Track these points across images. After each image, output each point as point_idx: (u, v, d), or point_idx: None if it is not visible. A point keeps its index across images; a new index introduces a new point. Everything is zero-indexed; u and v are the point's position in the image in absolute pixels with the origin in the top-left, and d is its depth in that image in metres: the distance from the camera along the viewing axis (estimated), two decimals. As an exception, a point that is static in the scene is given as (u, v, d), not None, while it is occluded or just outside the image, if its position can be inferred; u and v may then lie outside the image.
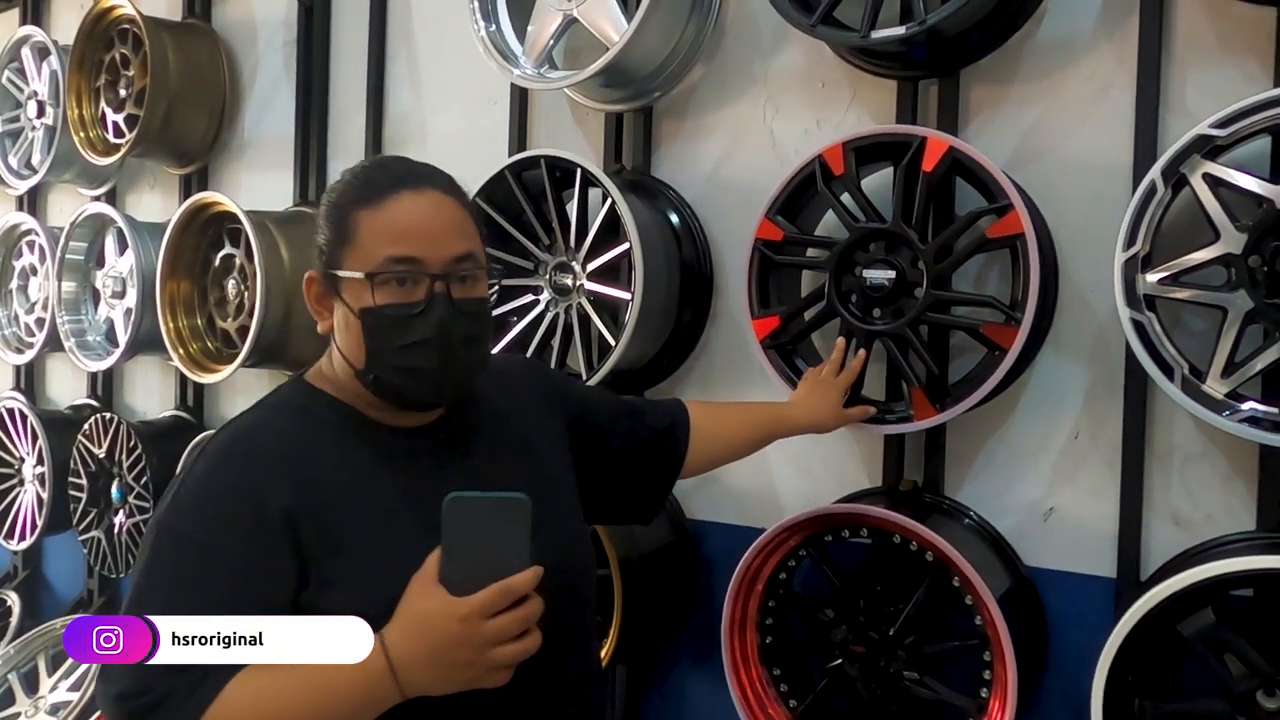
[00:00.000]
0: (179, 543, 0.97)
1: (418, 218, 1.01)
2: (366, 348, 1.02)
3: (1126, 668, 1.28)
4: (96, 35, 2.66)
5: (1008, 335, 1.38)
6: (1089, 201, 1.50)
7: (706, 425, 1.39)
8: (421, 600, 0.92)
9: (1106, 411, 1.49)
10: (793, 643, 1.60)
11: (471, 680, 0.93)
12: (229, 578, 0.95)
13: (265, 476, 0.99)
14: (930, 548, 1.42)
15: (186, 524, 0.97)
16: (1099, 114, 1.51)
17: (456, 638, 0.90)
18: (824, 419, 1.49)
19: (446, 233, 1.03)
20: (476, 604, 0.90)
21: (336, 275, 1.03)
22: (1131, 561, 1.46)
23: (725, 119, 1.87)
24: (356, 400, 1.07)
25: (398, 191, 1.02)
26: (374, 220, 1.01)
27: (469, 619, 0.90)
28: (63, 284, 2.73)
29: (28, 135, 2.95)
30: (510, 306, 1.84)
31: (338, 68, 2.45)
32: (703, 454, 1.39)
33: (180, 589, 0.95)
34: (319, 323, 1.09)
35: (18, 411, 2.90)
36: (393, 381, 1.03)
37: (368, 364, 1.03)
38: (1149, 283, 1.29)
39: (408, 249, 1.00)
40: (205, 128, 2.64)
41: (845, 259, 1.52)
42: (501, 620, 0.91)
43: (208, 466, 1.01)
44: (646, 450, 1.33)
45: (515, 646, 0.93)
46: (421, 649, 0.91)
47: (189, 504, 0.99)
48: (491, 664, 0.92)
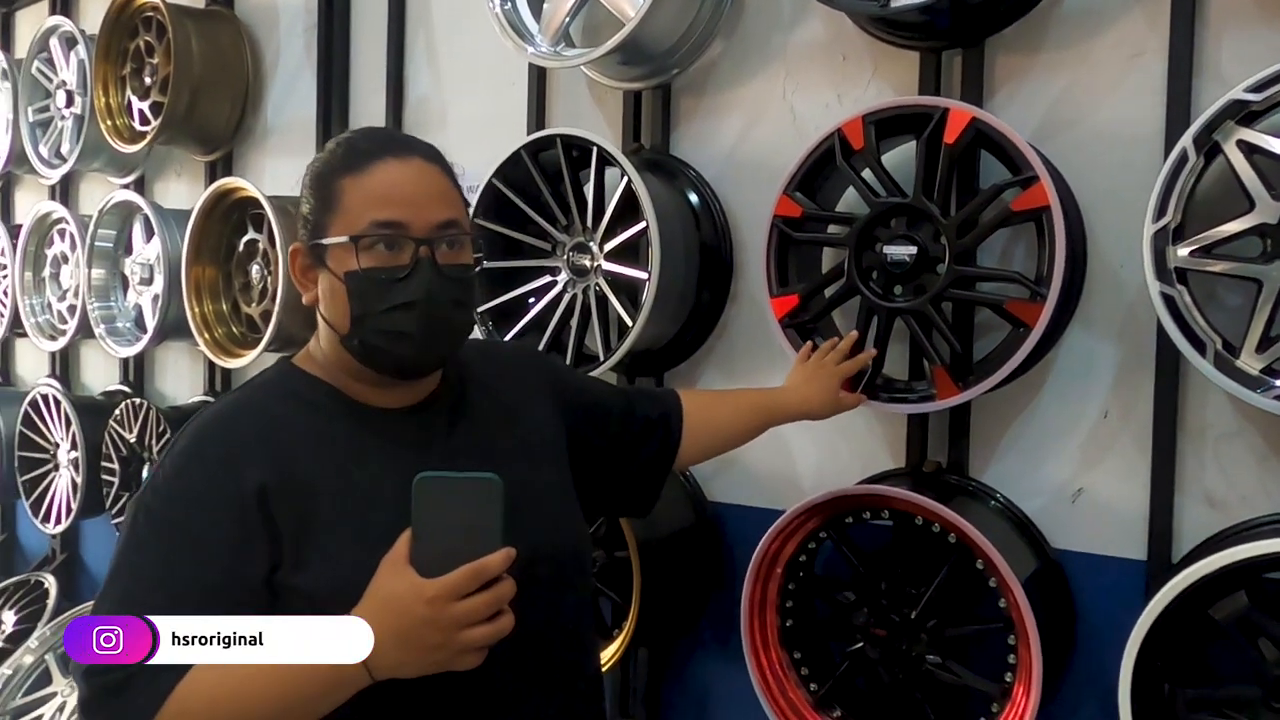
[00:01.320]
0: (156, 521, 0.97)
1: (402, 183, 1.02)
2: (351, 312, 1.02)
3: (1156, 652, 1.25)
4: (122, 23, 2.68)
5: (1033, 311, 1.35)
6: (1119, 173, 1.45)
7: (699, 414, 1.38)
8: (391, 581, 0.91)
9: (1137, 389, 1.45)
10: (814, 626, 1.58)
11: (442, 662, 0.92)
12: (203, 556, 0.95)
13: (242, 455, 0.99)
14: (952, 529, 1.39)
15: (164, 503, 0.98)
16: (1130, 82, 1.46)
17: (425, 619, 0.89)
18: (818, 406, 1.46)
19: (431, 199, 1.03)
20: (445, 585, 0.89)
21: (322, 244, 1.03)
22: (1163, 544, 1.42)
23: (744, 95, 1.83)
24: (341, 380, 1.07)
25: (383, 158, 1.02)
26: (359, 186, 1.01)
27: (437, 600, 0.89)
28: (92, 271, 2.76)
29: (57, 125, 2.99)
30: (528, 288, 1.82)
31: (358, 51, 2.45)
32: (697, 443, 1.38)
33: (156, 567, 0.96)
34: (304, 295, 1.08)
35: (52, 397, 2.95)
36: (378, 345, 1.02)
37: (353, 328, 1.02)
38: (1180, 255, 1.25)
39: (393, 213, 1.00)
40: (229, 114, 2.65)
41: (865, 235, 1.48)
42: (471, 602, 0.90)
43: (186, 445, 1.02)
44: (640, 439, 1.31)
45: (486, 629, 0.91)
46: (390, 629, 0.90)
47: (167, 483, 0.99)
48: (462, 646, 0.91)
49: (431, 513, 0.90)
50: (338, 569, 0.96)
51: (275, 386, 1.08)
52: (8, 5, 3.42)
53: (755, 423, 1.45)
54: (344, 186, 1.02)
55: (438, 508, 0.90)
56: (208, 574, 0.95)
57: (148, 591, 0.94)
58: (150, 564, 0.96)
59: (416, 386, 1.09)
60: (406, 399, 1.08)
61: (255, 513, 0.97)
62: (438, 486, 0.91)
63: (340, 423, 1.05)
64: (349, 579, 0.93)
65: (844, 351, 1.48)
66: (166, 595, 0.94)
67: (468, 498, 0.91)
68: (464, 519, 0.91)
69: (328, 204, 1.03)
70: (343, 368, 1.06)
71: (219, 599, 0.94)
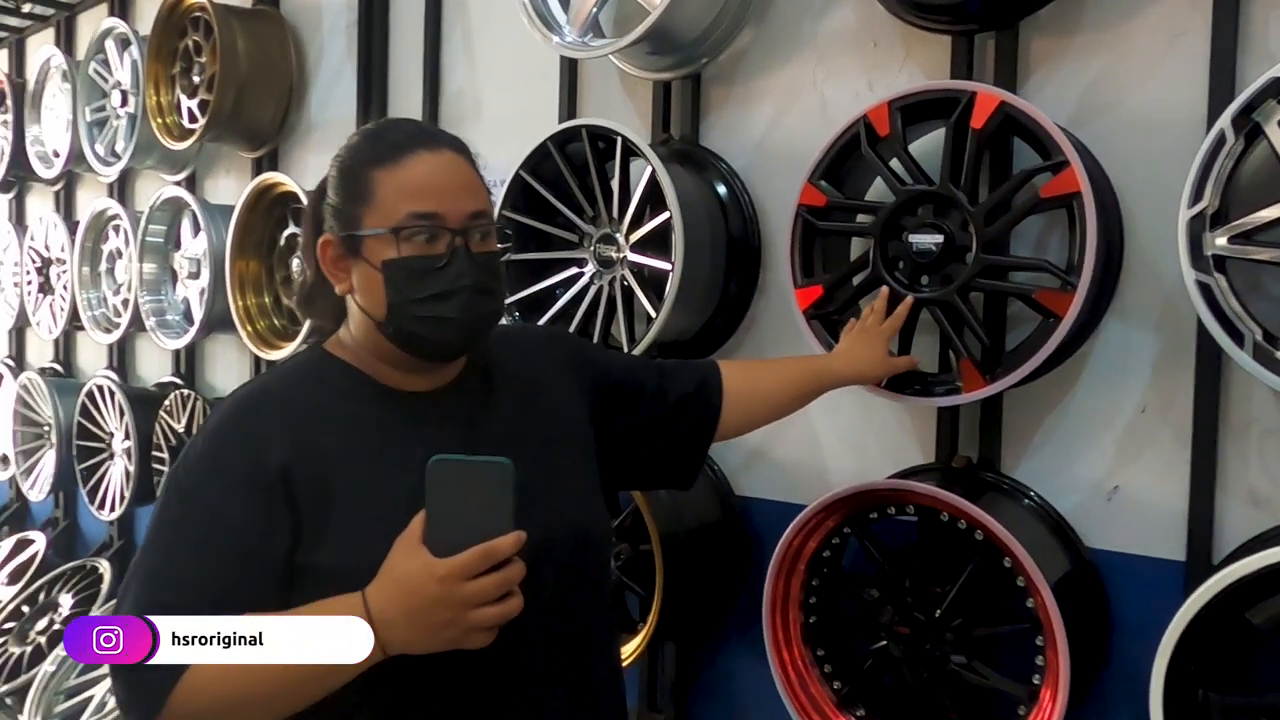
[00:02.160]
0: (183, 499, 1.00)
1: (436, 175, 1.03)
2: (388, 299, 1.03)
3: (1190, 657, 1.20)
4: (172, 24, 2.75)
5: (1063, 301, 1.30)
6: (1158, 158, 1.40)
7: (741, 383, 1.34)
8: (404, 560, 0.93)
9: (1177, 383, 1.39)
10: (837, 623, 1.55)
11: (452, 640, 0.93)
12: (227, 532, 0.98)
13: (267, 435, 1.01)
14: (978, 526, 1.35)
15: (191, 480, 1.01)
16: (1170, 63, 1.40)
17: (435, 597, 0.91)
18: (868, 368, 1.42)
19: (463, 190, 1.04)
20: (456, 565, 0.91)
21: (356, 235, 1.04)
22: (1203, 544, 1.36)
23: (774, 83, 1.81)
24: (369, 364, 1.08)
25: (415, 151, 1.03)
26: (393, 178, 1.02)
27: (447, 579, 0.91)
28: (144, 265, 2.84)
29: (113, 124, 3.08)
30: (556, 279, 1.82)
31: (396, 47, 2.48)
32: (740, 413, 1.34)
33: (183, 542, 0.99)
34: (337, 285, 1.09)
35: (107, 389, 3.04)
36: (416, 331, 1.04)
37: (389, 315, 1.04)
38: (1217, 242, 1.19)
39: (429, 205, 1.02)
40: (274, 111, 2.70)
41: (891, 224, 1.45)
42: (481, 583, 0.92)
43: (215, 425, 1.04)
44: (675, 414, 1.29)
45: (495, 609, 0.93)
46: (401, 607, 0.92)
47: (195, 461, 1.02)
48: (471, 625, 0.93)
49: (445, 495, 0.92)
50: (357, 546, 0.98)
51: (304, 370, 1.10)
52: (69, 9, 3.53)
53: (803, 389, 1.40)
54: (377, 179, 1.03)
55: (451, 490, 0.92)
56: (232, 548, 0.97)
57: (177, 565, 0.98)
58: (179, 539, 0.99)
59: (442, 371, 1.10)
60: (432, 383, 1.10)
61: (278, 491, 0.99)
62: (451, 469, 0.93)
63: (366, 406, 1.06)
64: (367, 556, 0.95)
65: (881, 312, 1.44)
66: (194, 569, 0.97)
67: (480, 481, 0.93)
68: (476, 502, 0.92)
69: (360, 196, 1.04)
70: (373, 352, 1.08)
71: (243, 573, 0.97)
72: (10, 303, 3.64)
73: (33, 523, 3.78)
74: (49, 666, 2.83)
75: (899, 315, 1.42)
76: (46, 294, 3.44)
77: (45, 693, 2.82)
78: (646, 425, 1.27)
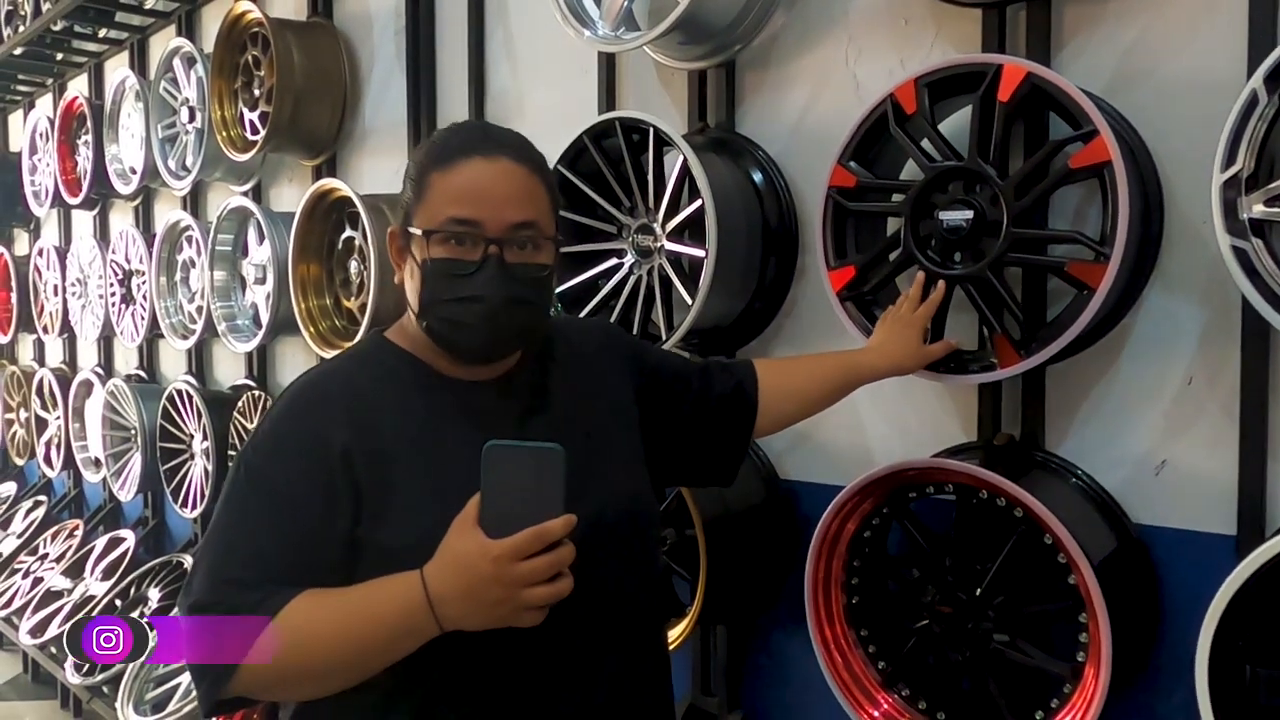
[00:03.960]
0: (251, 478, 1.06)
1: (481, 183, 1.06)
2: (422, 297, 1.09)
3: (1237, 631, 1.17)
4: (232, 40, 2.86)
5: (1096, 273, 1.28)
6: (1198, 124, 1.35)
7: (775, 382, 1.37)
8: (460, 540, 0.97)
9: (1223, 353, 1.35)
10: (881, 603, 1.55)
11: (504, 618, 0.97)
12: (293, 508, 1.04)
13: (329, 418, 1.07)
14: (1017, 503, 1.33)
15: (258, 460, 1.07)
16: (1208, 25, 1.36)
17: (489, 576, 0.95)
18: (903, 359, 1.42)
19: (509, 199, 1.07)
20: (510, 546, 0.95)
21: (409, 231, 1.10)
22: (1254, 517, 1.32)
23: (807, 66, 1.80)
24: (426, 353, 1.13)
25: (470, 156, 1.07)
26: (443, 181, 1.07)
27: (501, 559, 0.95)
28: (214, 273, 2.97)
29: (182, 139, 3.21)
30: (596, 270, 1.85)
31: (443, 50, 2.54)
32: (777, 411, 1.37)
33: (252, 518, 1.04)
34: (396, 273, 1.15)
35: (186, 393, 3.18)
36: (441, 331, 1.09)
37: (421, 312, 1.10)
38: (1253, 206, 1.16)
39: (469, 212, 1.06)
40: (330, 119, 2.79)
41: (922, 201, 1.44)
42: (533, 563, 0.95)
43: (281, 410, 1.11)
44: (715, 414, 1.32)
45: (546, 589, 0.97)
46: (456, 585, 0.96)
47: (262, 443, 1.08)
48: (523, 603, 0.96)
49: (499, 479, 0.97)
50: (415, 526, 1.03)
51: (365, 357, 1.16)
52: (140, 32, 3.69)
53: (838, 384, 1.41)
54: (432, 180, 1.08)
55: (505, 474, 0.97)
56: (296, 526, 1.03)
57: (244, 542, 1.03)
58: (247, 515, 1.05)
59: (495, 364, 1.14)
60: (487, 374, 1.14)
61: (340, 471, 1.04)
62: (505, 454, 0.97)
63: (422, 392, 1.11)
64: (425, 536, 1.00)
65: (916, 299, 1.44)
66: (259, 545, 1.03)
67: (533, 466, 0.97)
68: (529, 485, 0.96)
69: (419, 195, 1.09)
70: (426, 342, 1.13)
71: (305, 549, 1.03)
72: (97, 314, 3.83)
73: (125, 522, 3.98)
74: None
75: (932, 302, 1.42)
76: (129, 304, 3.61)
77: (136, 681, 2.98)
78: (690, 424, 1.31)
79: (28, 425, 4.48)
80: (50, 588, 3.79)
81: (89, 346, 4.18)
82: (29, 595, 3.86)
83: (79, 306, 3.98)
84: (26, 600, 3.84)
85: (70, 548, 3.92)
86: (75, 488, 4.39)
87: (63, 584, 3.78)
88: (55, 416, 4.19)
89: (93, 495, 4.29)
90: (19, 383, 4.56)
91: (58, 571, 3.84)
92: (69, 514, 4.38)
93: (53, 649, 3.61)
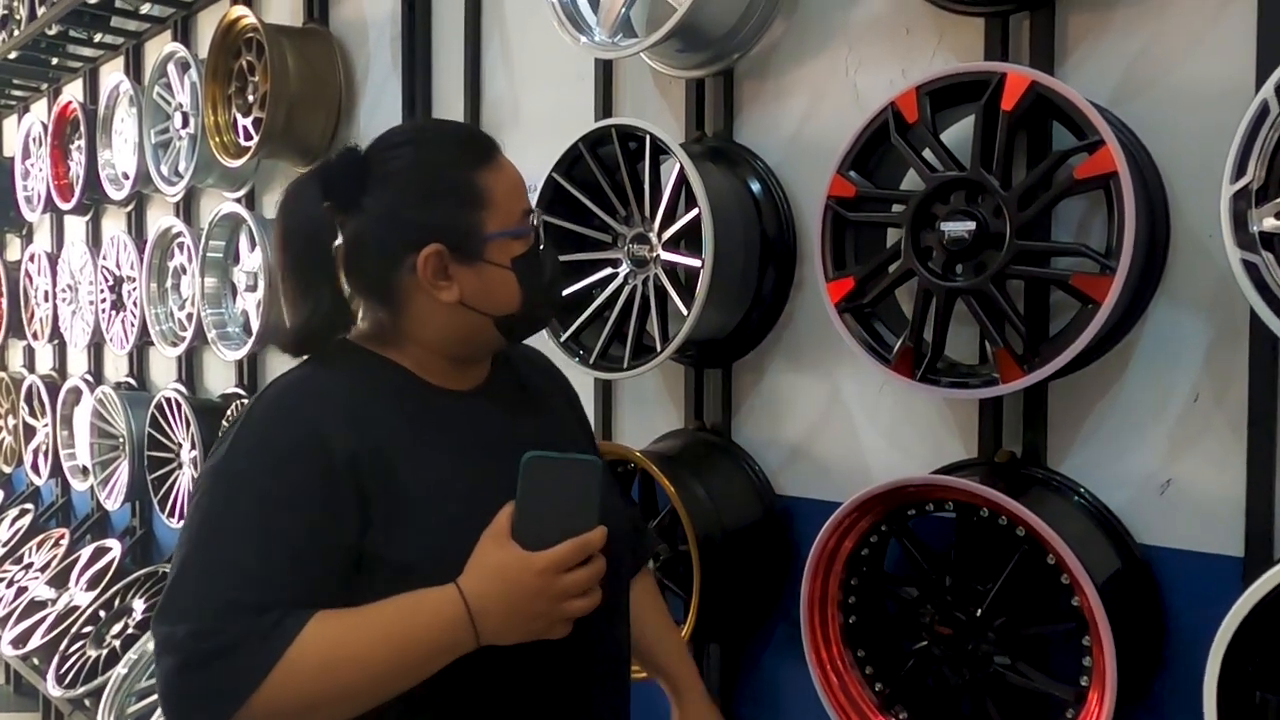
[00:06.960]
0: (242, 490, 0.97)
1: (519, 174, 1.12)
2: (524, 293, 1.08)
3: (1246, 656, 1.13)
4: (227, 45, 2.83)
5: (1101, 286, 1.25)
6: (1205, 135, 1.33)
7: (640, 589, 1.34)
8: (498, 552, 0.95)
9: (1231, 369, 1.32)
10: (878, 623, 1.51)
11: (539, 631, 0.96)
12: (294, 519, 0.96)
13: (328, 423, 1.00)
14: (1018, 522, 1.30)
15: (248, 471, 0.98)
16: (1216, 33, 1.33)
17: (533, 589, 0.94)
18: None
19: None
20: (554, 558, 0.94)
21: (481, 239, 1.05)
22: (1262, 539, 1.29)
23: (806, 76, 1.78)
24: (413, 364, 1.09)
25: (498, 150, 1.10)
26: (502, 180, 1.08)
27: (546, 572, 0.94)
28: (205, 280, 2.93)
29: (175, 145, 3.18)
30: (591, 280, 1.82)
31: (439, 57, 2.51)
32: None
33: (246, 536, 0.95)
34: (440, 294, 1.05)
35: (174, 401, 3.14)
36: (543, 316, 1.16)
37: (522, 307, 1.09)
38: (1264, 218, 1.13)
39: (527, 201, 1.11)
40: (324, 126, 2.76)
41: (922, 212, 1.41)
42: (576, 575, 0.95)
43: (265, 415, 1.02)
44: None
45: (584, 601, 0.97)
46: (499, 598, 0.94)
47: (249, 451, 0.99)
48: (561, 616, 0.96)
49: (536, 490, 0.95)
50: (422, 538, 0.99)
51: (347, 364, 1.07)
52: (136, 37, 3.67)
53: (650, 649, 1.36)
54: (487, 182, 1.06)
55: (542, 485, 0.95)
56: (298, 537, 0.95)
57: (238, 557, 0.94)
58: (238, 531, 0.96)
59: (476, 370, 1.13)
60: (470, 382, 1.13)
61: (346, 479, 0.97)
62: (544, 466, 0.96)
63: (415, 401, 1.08)
64: (432, 548, 0.98)
65: None
66: (257, 559, 0.94)
67: (570, 478, 0.96)
68: (565, 497, 0.95)
69: (474, 201, 1.05)
70: (426, 349, 1.08)
71: (308, 560, 0.95)
72: (87, 320, 3.79)
73: (113, 531, 3.93)
74: (121, 669, 2.93)
75: None
76: (119, 311, 3.58)
77: (118, 694, 2.93)
78: None
79: (15, 432, 4.44)
80: (34, 598, 3.74)
81: (79, 353, 4.14)
82: (13, 605, 3.80)
83: (69, 313, 3.94)
84: (10, 610, 3.78)
85: (55, 557, 3.86)
86: (63, 496, 4.34)
87: (47, 594, 3.72)
88: (43, 424, 4.14)
89: (80, 504, 4.24)
90: (7, 389, 4.52)
91: (42, 581, 3.79)
92: (56, 522, 4.32)
93: (35, 660, 3.55)
